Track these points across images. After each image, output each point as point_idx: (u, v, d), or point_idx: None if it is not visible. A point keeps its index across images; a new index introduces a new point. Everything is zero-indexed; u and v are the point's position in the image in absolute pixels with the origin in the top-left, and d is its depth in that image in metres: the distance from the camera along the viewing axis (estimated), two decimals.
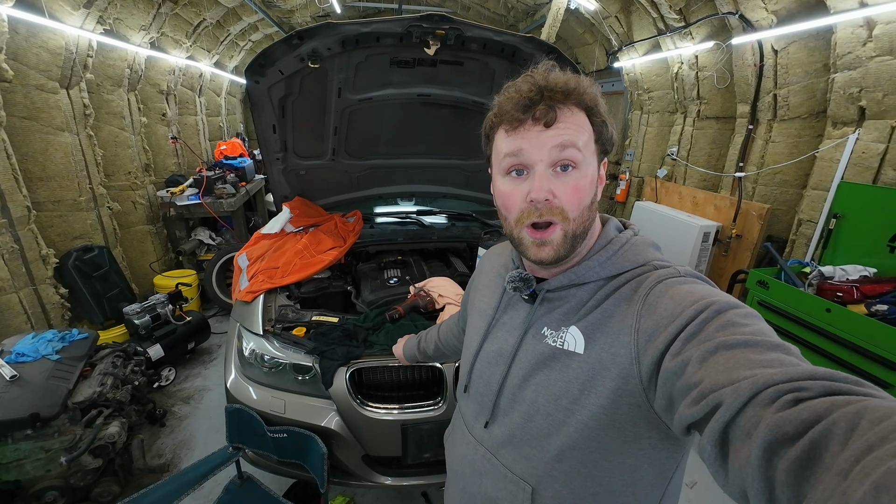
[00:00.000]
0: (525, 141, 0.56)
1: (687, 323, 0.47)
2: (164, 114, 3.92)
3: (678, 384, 0.45)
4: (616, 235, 0.63)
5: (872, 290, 1.93)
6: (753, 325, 0.44)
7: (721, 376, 0.39)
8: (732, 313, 0.46)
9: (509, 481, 0.64)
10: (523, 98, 0.55)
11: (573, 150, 0.55)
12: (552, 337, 0.61)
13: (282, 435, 1.41)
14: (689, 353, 0.44)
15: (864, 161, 2.27)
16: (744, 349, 0.41)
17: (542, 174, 0.55)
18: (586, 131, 0.56)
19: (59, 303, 2.60)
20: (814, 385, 0.34)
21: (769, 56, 2.74)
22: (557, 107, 0.55)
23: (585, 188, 0.56)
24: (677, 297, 0.51)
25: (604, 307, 0.57)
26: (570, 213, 0.56)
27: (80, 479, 1.72)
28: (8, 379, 1.66)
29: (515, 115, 0.56)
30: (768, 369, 0.38)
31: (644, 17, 3.58)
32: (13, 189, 2.30)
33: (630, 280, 0.58)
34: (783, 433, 0.32)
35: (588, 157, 0.56)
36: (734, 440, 0.36)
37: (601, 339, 0.56)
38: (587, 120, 0.57)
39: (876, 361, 1.73)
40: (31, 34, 2.36)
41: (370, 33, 1.48)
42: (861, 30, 2.16)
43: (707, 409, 0.39)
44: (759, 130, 3.00)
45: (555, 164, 0.55)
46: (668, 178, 3.99)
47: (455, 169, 2.35)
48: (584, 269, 0.60)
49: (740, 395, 0.36)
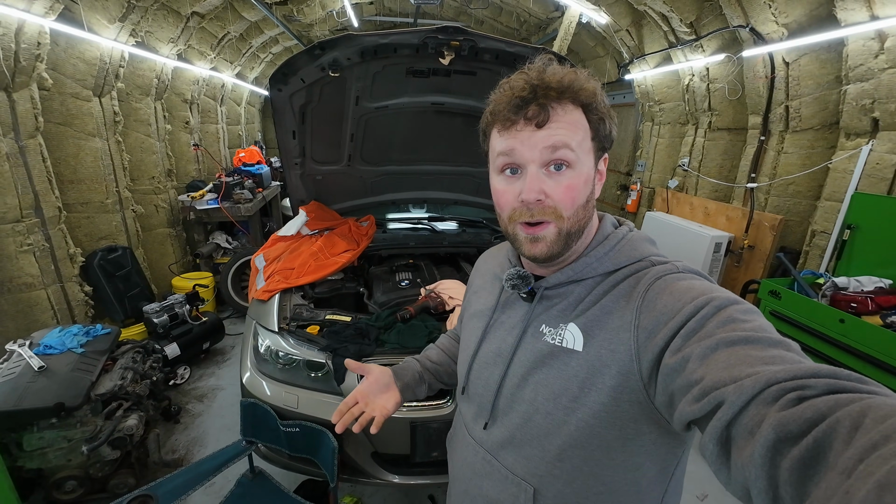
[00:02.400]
0: (517, 141, 0.55)
1: (687, 319, 0.47)
2: (188, 122, 4.08)
3: (679, 381, 0.44)
4: (613, 231, 0.62)
5: (888, 301, 1.91)
6: (754, 322, 0.44)
7: (723, 373, 0.39)
8: (732, 309, 0.46)
9: (510, 483, 0.63)
10: (516, 97, 0.54)
11: (565, 150, 0.54)
12: (551, 335, 0.60)
13: (294, 429, 1.44)
14: (690, 350, 0.44)
15: (879, 172, 2.26)
16: (745, 346, 0.41)
17: (534, 175, 0.55)
18: (580, 129, 0.55)
19: (84, 300, 2.70)
20: (817, 383, 0.34)
21: (780, 68, 2.75)
22: (551, 105, 0.54)
23: (579, 187, 0.56)
24: (677, 293, 0.50)
25: (602, 304, 0.57)
26: (563, 211, 0.55)
27: (99, 470, 1.77)
28: (36, 369, 1.73)
29: (507, 114, 0.55)
30: (771, 366, 0.38)
31: (655, 30, 3.63)
32: (46, 190, 2.42)
33: (628, 276, 0.57)
34: (787, 432, 0.32)
35: (583, 155, 0.56)
36: (737, 438, 0.36)
37: (600, 336, 0.55)
38: (583, 117, 0.56)
39: (891, 373, 1.70)
40: (70, 45, 2.51)
41: (388, 44, 1.55)
42: (873, 42, 2.17)
43: (709, 407, 0.39)
44: (770, 142, 2.99)
45: (547, 164, 0.55)
46: (679, 189, 3.99)
47: (467, 176, 2.40)
48: (583, 266, 0.60)
49: (743, 393, 0.36)
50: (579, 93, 0.55)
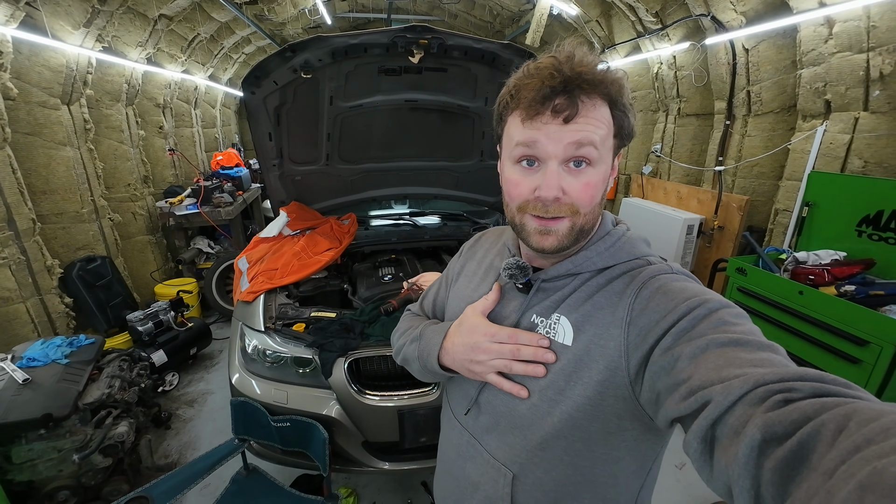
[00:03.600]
0: (541, 133, 0.52)
1: (679, 318, 0.47)
2: (161, 126, 4.01)
3: (666, 379, 0.45)
4: (612, 228, 0.62)
5: (842, 272, 2.04)
6: (744, 325, 0.45)
7: (711, 374, 0.40)
8: (724, 312, 0.47)
9: (491, 467, 0.64)
10: (545, 85, 0.50)
11: (590, 148, 0.52)
12: (543, 325, 0.60)
13: (285, 424, 1.48)
14: (680, 349, 0.45)
15: (833, 151, 2.39)
16: (735, 348, 0.42)
17: (554, 171, 0.52)
18: (606, 126, 0.53)
19: (65, 312, 2.67)
20: (804, 386, 0.35)
21: (741, 55, 2.87)
22: (581, 99, 0.50)
23: (598, 185, 0.54)
24: (671, 293, 0.51)
25: (595, 300, 0.57)
26: (581, 208, 0.54)
27: (91, 478, 1.78)
28: (21, 382, 1.73)
29: (533, 104, 0.51)
30: (759, 369, 0.38)
31: (623, 20, 3.72)
32: (19, 202, 2.38)
33: (623, 273, 0.57)
34: (772, 433, 0.32)
35: (605, 153, 0.54)
36: (721, 438, 0.37)
37: (590, 331, 0.55)
38: (609, 113, 0.53)
39: (846, 339, 1.83)
40: (34, 53, 2.45)
41: (358, 44, 1.58)
42: (822, 28, 2.29)
43: (696, 406, 0.40)
44: (735, 126, 3.12)
45: (568, 160, 0.53)
46: (653, 175, 4.11)
47: (445, 170, 2.45)
48: (583, 259, 0.59)
49: (731, 394, 0.37)
50: (611, 87, 0.52)
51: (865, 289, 1.89)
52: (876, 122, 2.20)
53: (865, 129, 2.24)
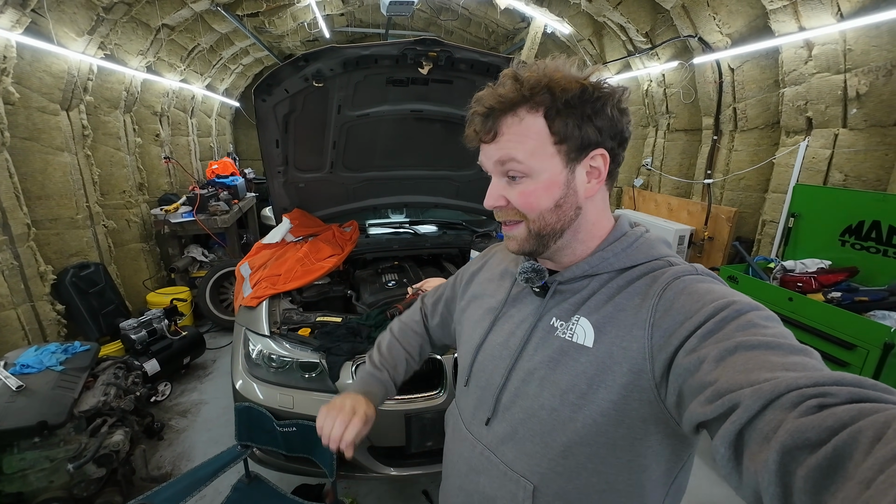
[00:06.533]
0: (482, 154, 0.60)
1: (706, 320, 0.46)
2: (158, 134, 4.00)
3: (691, 381, 0.44)
4: (629, 230, 0.62)
5: (828, 279, 2.13)
6: (774, 328, 0.44)
7: (739, 377, 0.38)
8: (753, 314, 0.45)
9: (509, 479, 0.62)
10: (477, 113, 0.58)
11: (512, 163, 0.56)
12: (562, 329, 0.59)
13: (291, 429, 1.46)
14: (706, 351, 0.43)
15: (815, 165, 2.52)
16: (765, 351, 0.40)
17: (495, 183, 0.60)
18: (533, 138, 0.55)
19: (56, 319, 2.60)
20: (840, 391, 0.33)
21: (727, 74, 3.01)
22: (504, 119, 0.56)
23: (538, 193, 0.57)
24: (696, 294, 0.50)
25: (616, 301, 0.56)
26: (528, 214, 0.58)
27: (84, 490, 1.72)
28: (14, 389, 1.68)
29: (469, 131, 0.60)
30: (791, 372, 0.37)
31: (615, 39, 3.88)
32: (14, 207, 2.34)
33: (644, 274, 0.57)
34: (805, 439, 0.31)
35: (539, 163, 0.55)
36: (750, 443, 0.35)
37: (612, 332, 0.54)
38: (541, 122, 0.54)
39: (834, 343, 1.90)
40: (36, 59, 2.45)
41: (369, 56, 1.64)
42: (802, 50, 2.44)
43: (722, 409, 0.38)
44: (722, 141, 3.26)
45: (504, 174, 0.59)
46: (644, 187, 4.24)
47: (446, 180, 2.50)
48: (599, 260, 0.59)
49: (760, 398, 0.35)
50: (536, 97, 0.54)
51: (851, 295, 1.97)
52: (854, 139, 2.33)
53: (845, 145, 2.37)
